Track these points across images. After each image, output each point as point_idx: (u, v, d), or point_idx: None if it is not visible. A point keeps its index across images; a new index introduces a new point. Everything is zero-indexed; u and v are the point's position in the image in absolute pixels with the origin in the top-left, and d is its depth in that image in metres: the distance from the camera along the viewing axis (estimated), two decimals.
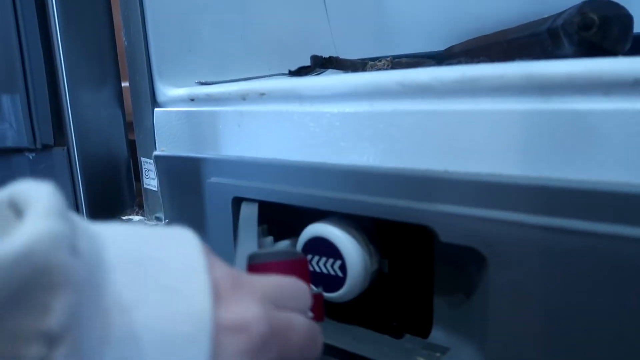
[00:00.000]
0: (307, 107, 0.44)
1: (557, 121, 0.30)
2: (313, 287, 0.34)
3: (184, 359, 0.20)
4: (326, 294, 0.41)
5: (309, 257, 0.41)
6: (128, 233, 0.23)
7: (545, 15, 0.55)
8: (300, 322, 0.27)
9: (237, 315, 0.23)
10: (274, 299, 0.26)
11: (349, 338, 0.42)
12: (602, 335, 0.28)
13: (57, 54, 0.55)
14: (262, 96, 0.48)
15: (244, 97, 0.50)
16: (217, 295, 0.23)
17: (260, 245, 0.45)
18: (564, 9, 0.49)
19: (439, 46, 0.78)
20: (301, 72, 0.69)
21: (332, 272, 0.40)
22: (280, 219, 0.49)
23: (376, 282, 0.43)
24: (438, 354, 0.37)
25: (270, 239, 0.46)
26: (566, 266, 0.29)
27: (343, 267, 0.39)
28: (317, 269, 0.41)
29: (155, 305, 0.20)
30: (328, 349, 0.42)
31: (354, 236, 0.40)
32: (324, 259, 0.41)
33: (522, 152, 0.32)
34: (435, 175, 0.35)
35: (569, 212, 0.29)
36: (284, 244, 0.46)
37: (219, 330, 0.22)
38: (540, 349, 0.31)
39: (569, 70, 0.30)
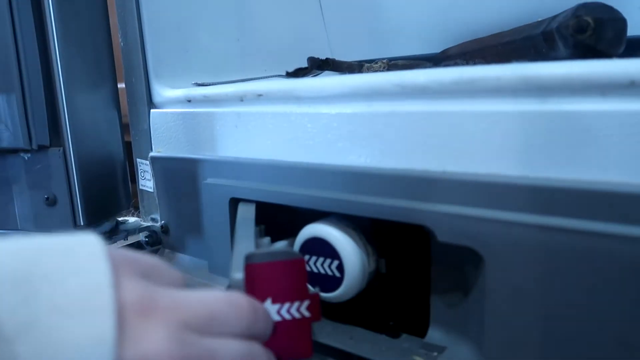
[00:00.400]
0: (305, 108, 0.44)
1: (554, 122, 0.31)
2: (310, 287, 0.34)
3: None
4: (323, 295, 0.41)
5: (307, 257, 0.41)
6: (19, 247, 0.20)
7: (540, 19, 0.56)
8: (229, 350, 0.23)
9: (140, 349, 0.20)
10: (197, 326, 0.23)
11: (346, 338, 0.42)
12: (599, 335, 0.29)
13: (53, 55, 0.54)
14: (259, 97, 0.48)
15: (241, 98, 0.50)
16: (122, 322, 0.19)
17: (257, 246, 0.45)
18: (559, 12, 0.50)
19: (434, 49, 0.78)
20: (298, 73, 0.69)
21: (329, 273, 0.40)
22: (278, 219, 0.49)
23: (373, 281, 0.43)
24: (435, 354, 0.38)
25: (267, 239, 0.46)
26: (563, 265, 0.29)
27: (340, 267, 0.40)
28: (315, 269, 0.41)
29: (45, 333, 0.17)
30: (325, 349, 0.42)
31: (351, 236, 0.40)
32: (321, 259, 0.41)
33: (519, 152, 0.32)
34: (432, 175, 0.35)
35: (566, 211, 0.29)
36: (281, 245, 0.46)
37: None
38: (537, 349, 0.31)
39: (566, 72, 0.30)
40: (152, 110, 0.62)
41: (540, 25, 0.53)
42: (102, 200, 0.61)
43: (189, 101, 0.57)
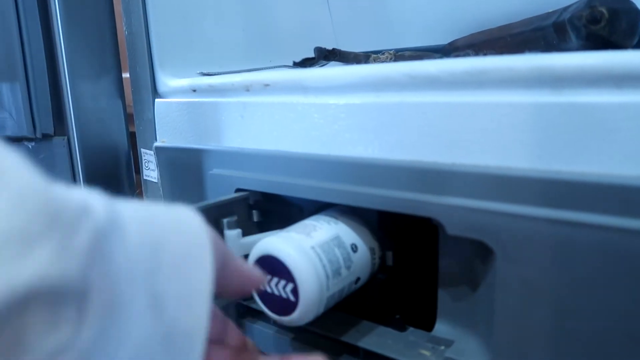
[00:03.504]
0: (312, 99, 0.43)
1: (567, 114, 0.30)
2: None
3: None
4: (278, 318, 0.38)
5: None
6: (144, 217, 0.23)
7: (550, 10, 0.55)
8: None
9: None
10: None
11: (352, 330, 0.41)
12: (612, 332, 0.28)
13: (57, 43, 0.54)
14: (266, 87, 0.47)
15: (247, 88, 0.49)
16: None
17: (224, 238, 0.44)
18: (570, 3, 0.49)
19: (441, 40, 0.77)
20: (305, 63, 0.68)
21: (283, 295, 0.37)
22: (281, 211, 0.49)
23: (380, 274, 0.43)
24: (442, 347, 0.37)
25: (237, 231, 0.44)
26: (575, 259, 0.29)
27: (295, 291, 0.36)
28: (269, 289, 0.38)
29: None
30: (331, 341, 0.42)
31: (309, 255, 0.36)
32: (275, 279, 0.37)
33: (531, 144, 0.32)
34: (442, 167, 0.35)
35: (579, 205, 0.29)
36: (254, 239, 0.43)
37: None
38: (547, 344, 0.31)
39: (580, 63, 0.30)
40: (156, 100, 0.62)
41: (550, 16, 0.52)
42: (106, 189, 0.61)
43: (194, 91, 0.57)
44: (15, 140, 0.57)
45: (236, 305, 0.50)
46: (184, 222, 0.25)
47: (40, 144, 0.57)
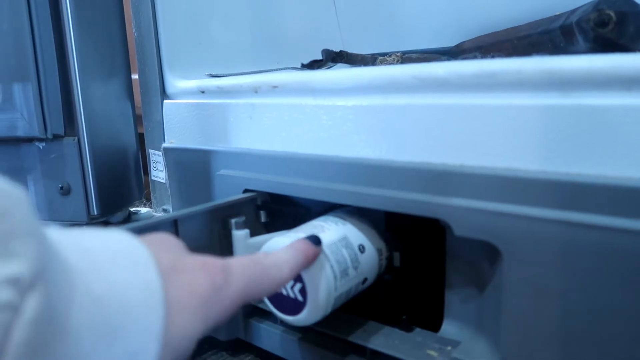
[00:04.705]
0: (321, 100, 0.44)
1: (576, 116, 0.30)
2: None
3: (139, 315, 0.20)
4: (284, 317, 0.39)
5: None
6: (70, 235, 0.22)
7: (557, 13, 0.55)
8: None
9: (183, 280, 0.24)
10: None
11: (359, 330, 0.42)
12: (620, 334, 0.28)
13: (68, 44, 0.54)
14: (274, 89, 0.48)
15: (256, 90, 0.50)
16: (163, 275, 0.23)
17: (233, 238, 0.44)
18: (577, 7, 0.49)
19: (447, 42, 0.78)
20: (313, 65, 0.69)
21: (291, 295, 0.37)
22: (288, 211, 0.49)
23: (387, 275, 0.43)
24: (449, 348, 0.38)
25: (245, 232, 0.44)
26: (583, 261, 0.29)
27: (303, 291, 0.36)
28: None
29: (108, 273, 0.20)
30: (338, 342, 0.42)
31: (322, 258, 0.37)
32: None
33: (539, 146, 0.32)
34: (450, 169, 0.35)
35: (588, 207, 0.29)
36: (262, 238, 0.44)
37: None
38: (555, 345, 0.31)
39: (589, 66, 0.30)
40: (165, 101, 0.62)
41: (558, 19, 0.52)
42: (115, 190, 0.62)
43: (203, 92, 0.57)
44: (26, 141, 0.58)
45: (243, 305, 0.50)
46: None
47: (51, 145, 0.57)
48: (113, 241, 0.22)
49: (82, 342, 0.17)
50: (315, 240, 0.35)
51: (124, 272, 0.21)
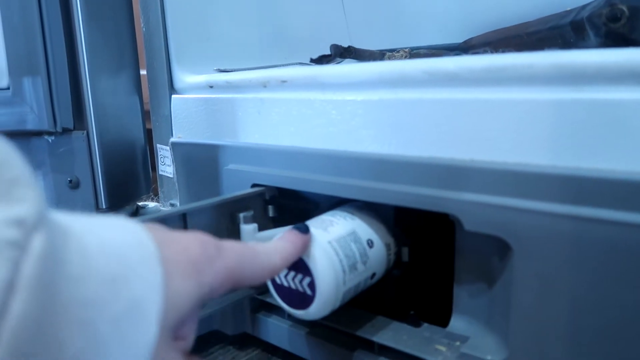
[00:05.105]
0: (330, 95, 0.44)
1: (588, 111, 0.30)
2: None
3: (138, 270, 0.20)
4: (293, 311, 0.39)
5: None
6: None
7: (567, 8, 0.55)
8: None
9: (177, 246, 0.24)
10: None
11: (367, 325, 0.42)
12: (630, 330, 0.28)
13: (78, 38, 0.55)
14: (283, 83, 0.48)
15: (264, 85, 0.50)
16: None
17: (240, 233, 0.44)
18: (588, 2, 0.49)
19: (455, 39, 0.77)
20: (322, 60, 0.69)
21: (300, 289, 0.37)
22: (296, 206, 0.49)
23: (395, 270, 0.43)
24: (458, 343, 0.38)
25: (253, 226, 0.44)
26: (594, 256, 0.29)
27: (312, 285, 0.36)
28: (285, 283, 0.38)
29: (103, 232, 0.20)
30: (346, 336, 0.42)
31: (328, 251, 0.37)
32: (292, 273, 0.37)
33: (550, 141, 0.32)
34: (460, 164, 0.35)
35: (599, 201, 0.29)
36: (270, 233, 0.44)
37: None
38: (564, 340, 0.31)
39: (601, 60, 0.30)
40: (173, 96, 0.62)
41: (568, 14, 0.52)
42: (123, 184, 0.62)
43: (211, 87, 0.57)
44: (36, 134, 0.58)
45: (250, 300, 0.50)
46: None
47: (60, 138, 0.58)
48: (101, 217, 0.22)
49: (86, 286, 0.18)
50: (303, 228, 0.36)
51: (118, 232, 0.21)
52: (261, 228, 0.45)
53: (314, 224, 0.39)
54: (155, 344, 0.20)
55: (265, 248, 0.31)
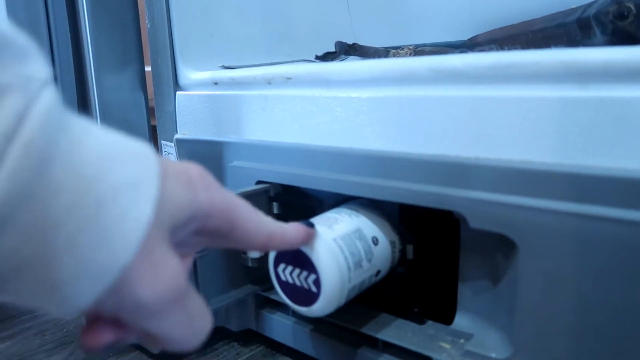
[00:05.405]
0: (335, 92, 0.44)
1: (594, 108, 0.30)
2: None
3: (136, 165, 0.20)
4: (298, 308, 0.39)
5: (281, 267, 0.39)
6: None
7: (573, 6, 0.54)
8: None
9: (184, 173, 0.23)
10: None
11: (371, 322, 0.42)
12: (636, 328, 0.28)
13: (83, 36, 0.55)
14: (288, 80, 0.48)
15: (269, 81, 0.50)
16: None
17: None
18: (593, 0, 0.49)
19: (460, 36, 0.77)
20: (327, 57, 0.68)
21: (305, 286, 0.37)
22: (301, 203, 0.49)
23: (399, 267, 0.43)
24: (462, 340, 0.38)
25: None
26: (599, 254, 0.29)
27: (317, 282, 0.36)
28: (290, 280, 0.38)
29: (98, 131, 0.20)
30: (350, 333, 0.42)
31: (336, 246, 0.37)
32: (297, 270, 0.37)
33: (556, 139, 0.32)
34: (465, 161, 0.35)
35: (605, 200, 0.29)
36: None
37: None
38: (569, 339, 0.31)
39: (608, 58, 0.30)
40: (177, 93, 0.62)
41: (574, 12, 0.52)
42: None
43: (216, 84, 0.57)
44: None
45: (255, 296, 0.50)
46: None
47: None
48: None
49: (87, 151, 0.18)
50: (308, 224, 0.36)
51: (119, 136, 0.21)
52: None
53: (319, 221, 0.39)
54: (148, 227, 0.19)
55: (269, 218, 0.30)
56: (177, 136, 0.62)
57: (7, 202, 0.15)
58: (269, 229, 0.29)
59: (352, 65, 0.43)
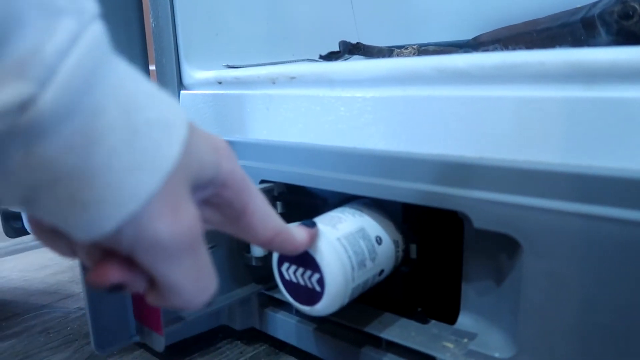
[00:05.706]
0: (339, 92, 0.44)
1: (599, 109, 0.30)
2: None
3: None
4: (302, 307, 0.39)
5: (285, 265, 0.39)
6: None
7: (577, 6, 0.54)
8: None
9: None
10: None
11: (375, 322, 0.42)
12: (638, 326, 0.28)
13: None
14: (292, 80, 0.48)
15: (273, 81, 0.50)
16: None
17: None
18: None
19: (464, 35, 0.77)
20: (331, 56, 0.68)
21: (309, 285, 0.37)
22: (305, 202, 0.49)
23: (403, 267, 0.43)
24: (465, 340, 0.38)
25: None
26: (604, 255, 0.29)
27: (321, 281, 0.36)
28: (293, 279, 0.38)
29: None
30: (353, 332, 0.43)
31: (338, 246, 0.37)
32: (301, 270, 0.38)
33: (561, 139, 0.32)
34: (470, 161, 0.35)
35: (610, 200, 0.29)
36: None
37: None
38: (573, 339, 0.31)
39: (613, 58, 0.30)
40: (182, 92, 0.63)
41: (578, 12, 0.51)
42: None
43: (220, 83, 0.57)
44: None
45: (258, 295, 0.50)
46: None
47: None
48: None
49: (129, 85, 0.19)
50: (310, 224, 0.36)
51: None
52: None
53: (322, 220, 0.39)
54: (175, 165, 0.20)
55: (279, 216, 0.30)
56: None
57: (55, 111, 0.16)
58: (277, 226, 0.29)
59: (356, 65, 0.43)
